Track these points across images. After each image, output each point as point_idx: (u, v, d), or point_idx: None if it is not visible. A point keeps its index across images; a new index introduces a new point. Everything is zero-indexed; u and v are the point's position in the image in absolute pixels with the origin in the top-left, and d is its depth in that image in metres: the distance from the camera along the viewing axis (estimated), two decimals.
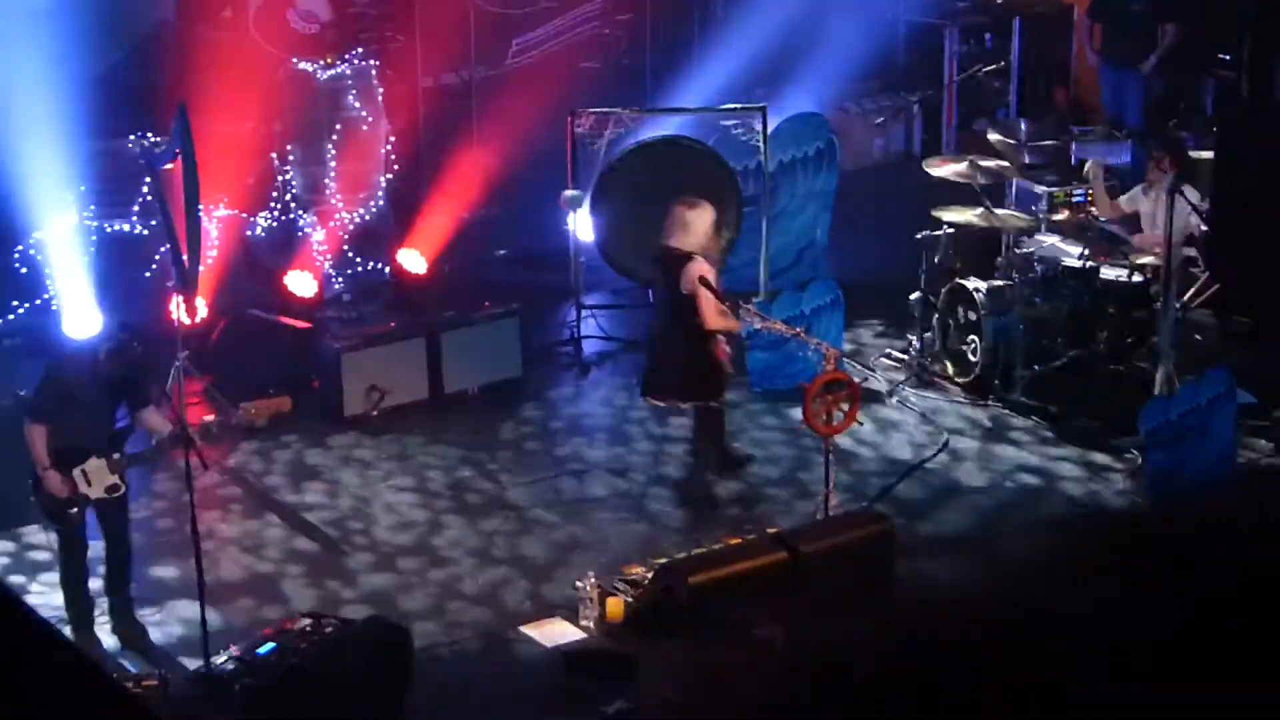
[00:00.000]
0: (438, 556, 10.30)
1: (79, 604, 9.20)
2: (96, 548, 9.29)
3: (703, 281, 10.45)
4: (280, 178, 13.69)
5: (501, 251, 14.97)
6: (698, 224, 10.69)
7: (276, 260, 13.29)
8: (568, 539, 10.49)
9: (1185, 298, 12.34)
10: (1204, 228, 12.37)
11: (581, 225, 13.24)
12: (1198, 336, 12.45)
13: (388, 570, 10.13)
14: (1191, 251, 12.56)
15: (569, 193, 13.10)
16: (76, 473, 8.90)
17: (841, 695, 1.52)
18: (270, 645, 8.30)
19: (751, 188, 13.44)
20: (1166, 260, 11.55)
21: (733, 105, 13.86)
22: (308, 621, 8.54)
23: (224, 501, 10.92)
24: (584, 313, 13.35)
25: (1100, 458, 11.45)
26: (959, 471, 11.36)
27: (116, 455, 9.01)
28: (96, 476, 8.96)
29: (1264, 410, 11.77)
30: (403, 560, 10.25)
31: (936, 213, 12.54)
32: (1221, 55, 16.08)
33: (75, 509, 8.97)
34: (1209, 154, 14.22)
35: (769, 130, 13.27)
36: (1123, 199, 13.10)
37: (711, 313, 10.51)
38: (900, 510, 10.71)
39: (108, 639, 9.23)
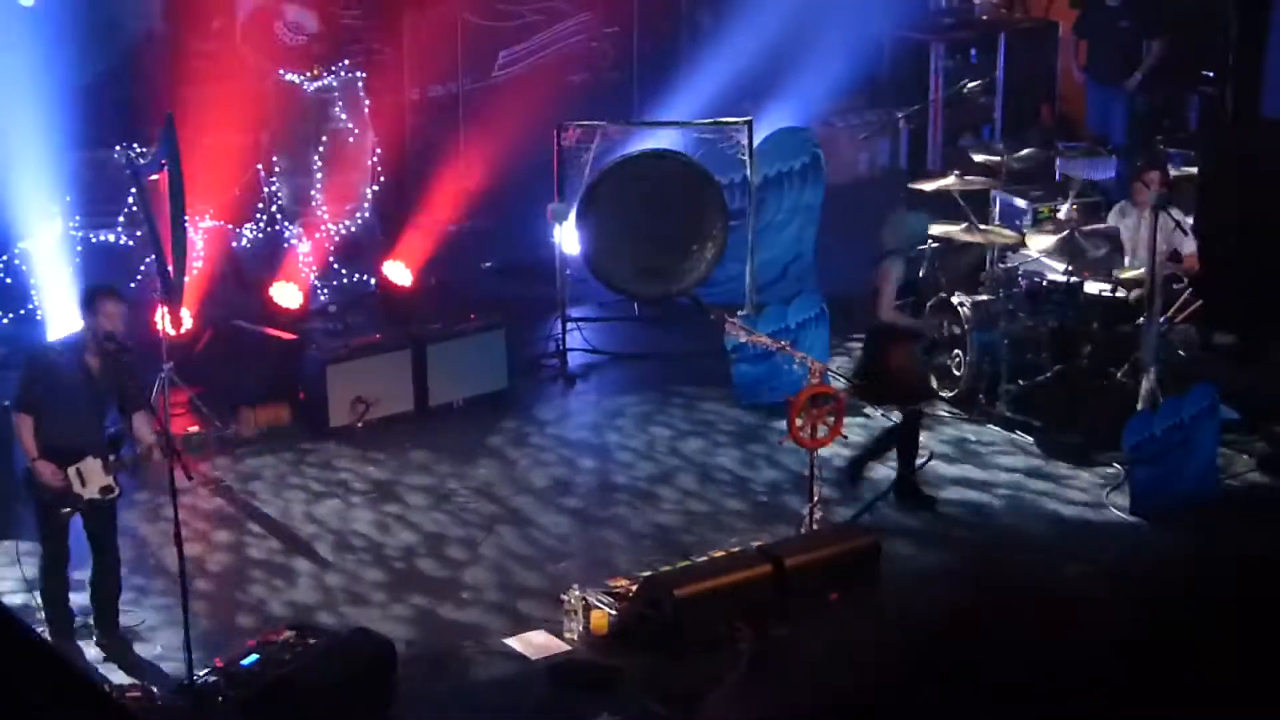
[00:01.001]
0: (422, 568, 10.28)
1: (60, 615, 9.17)
2: (77, 560, 9.27)
3: (885, 279, 10.80)
4: (266, 189, 13.68)
5: (487, 264, 14.95)
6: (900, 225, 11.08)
7: (262, 271, 13.27)
8: (553, 551, 10.48)
9: (1169, 313, 12.36)
10: (1188, 246, 12.39)
11: (567, 238, 13.23)
12: (1181, 352, 12.47)
13: (372, 582, 10.11)
14: (1175, 268, 12.57)
15: (555, 205, 13.10)
16: (72, 471, 8.88)
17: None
18: (254, 657, 8.29)
19: (737, 201, 13.45)
20: (1151, 276, 11.55)
21: (719, 119, 13.86)
22: (291, 634, 8.53)
23: (208, 513, 10.90)
24: (570, 325, 13.34)
25: (1084, 473, 11.46)
26: (942, 485, 11.35)
27: (113, 457, 9.00)
28: (91, 477, 8.94)
29: (1247, 426, 11.78)
30: (387, 572, 10.23)
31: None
32: (1206, 72, 16.10)
33: (67, 508, 8.94)
34: (1193, 170, 14.26)
35: (755, 144, 13.27)
36: (1108, 217, 13.10)
37: (886, 307, 10.83)
38: (884, 524, 10.71)
39: (90, 650, 9.19)
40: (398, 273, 13.54)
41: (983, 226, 12.44)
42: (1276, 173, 13.01)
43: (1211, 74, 15.88)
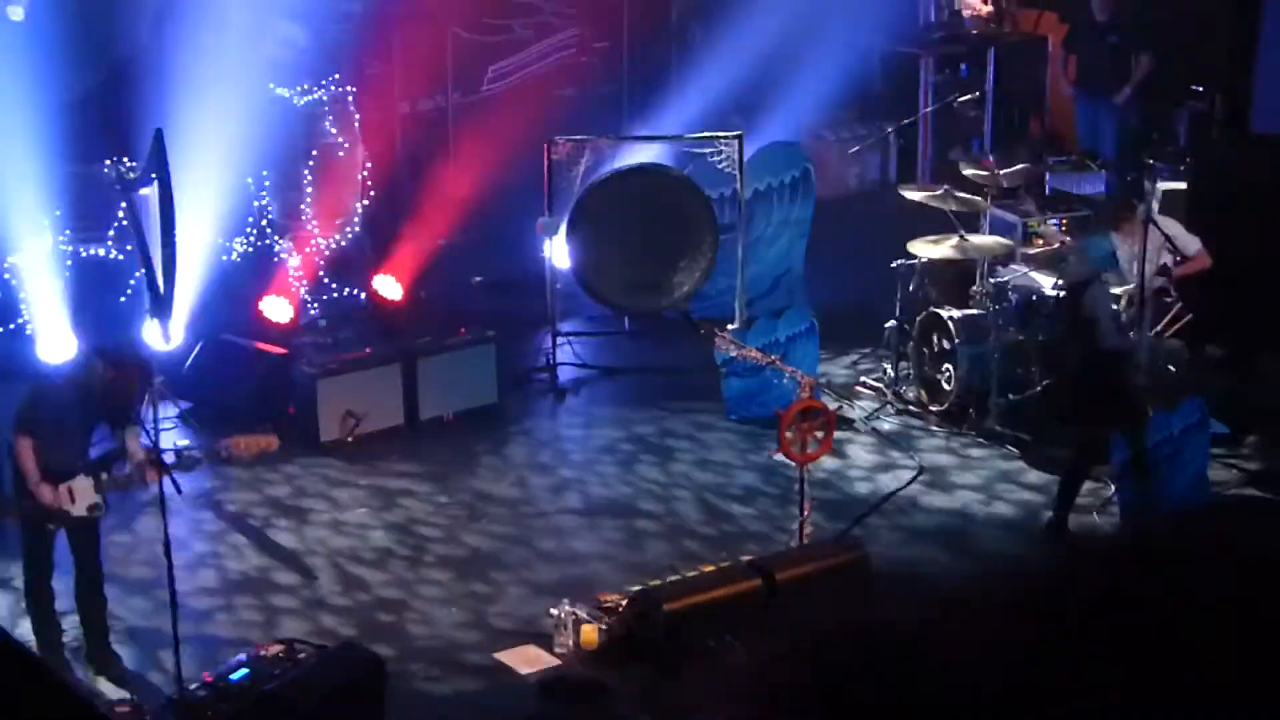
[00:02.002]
0: (412, 582, 10.28)
1: (47, 629, 9.17)
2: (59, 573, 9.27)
3: (1096, 308, 10.82)
4: (256, 203, 13.68)
5: (478, 278, 14.97)
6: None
7: (252, 286, 13.27)
8: (542, 566, 10.49)
9: (1158, 327, 12.38)
10: (1177, 259, 12.41)
11: (558, 252, 13.25)
12: (1170, 366, 12.48)
13: (362, 596, 10.11)
14: (1164, 281, 12.59)
15: (545, 219, 13.12)
16: (63, 489, 8.88)
17: None
18: (243, 671, 8.27)
19: (727, 216, 13.47)
20: (1140, 291, 11.57)
21: (709, 133, 13.89)
22: (280, 648, 8.51)
23: (197, 527, 10.90)
24: (560, 340, 13.37)
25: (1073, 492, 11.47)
26: (933, 499, 11.38)
27: (105, 475, 8.99)
28: (81, 494, 8.93)
29: (1236, 440, 11.81)
30: (377, 586, 10.23)
31: (912, 242, 12.58)
32: (1195, 87, 16.15)
33: (53, 525, 8.95)
34: (1182, 185, 14.29)
35: (745, 158, 13.30)
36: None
37: (1108, 334, 10.85)
38: (873, 538, 10.73)
39: (78, 665, 9.19)
40: (388, 287, 13.56)
41: (973, 240, 12.47)
42: (1265, 187, 13.05)
43: (1200, 89, 15.93)
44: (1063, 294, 11.43)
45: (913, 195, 12.92)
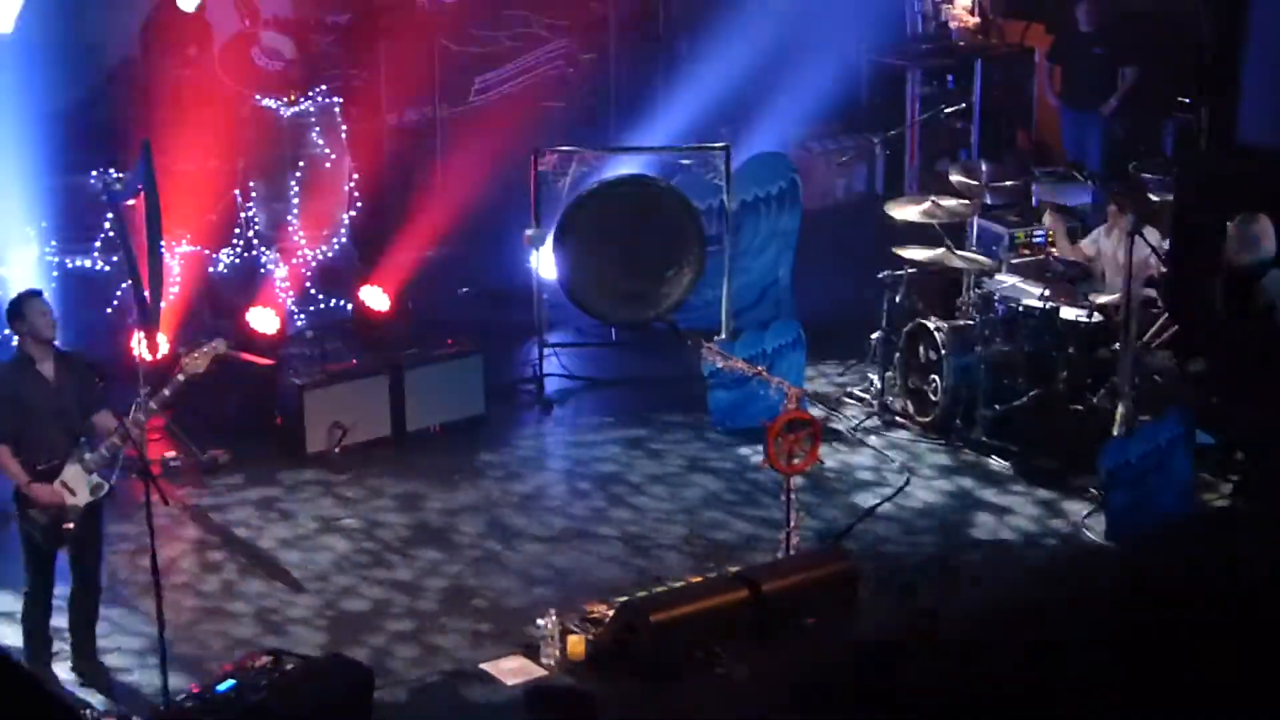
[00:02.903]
0: (399, 594, 10.29)
1: (38, 640, 9.17)
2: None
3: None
4: (243, 214, 13.68)
5: (465, 289, 14.97)
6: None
7: (239, 297, 13.27)
8: (529, 576, 10.50)
9: (1144, 338, 12.42)
10: (1163, 269, 12.45)
11: (544, 263, 13.27)
12: (1157, 377, 12.52)
13: (349, 607, 10.12)
14: (1151, 292, 12.63)
15: (532, 231, 13.13)
16: (57, 484, 8.87)
17: None
18: (230, 683, 8.26)
19: (714, 227, 13.47)
20: (1126, 301, 11.61)
21: (696, 145, 13.91)
22: (268, 659, 8.49)
23: (184, 538, 10.90)
24: (547, 351, 13.39)
25: (1061, 497, 11.53)
26: (920, 511, 11.42)
27: (87, 455, 8.97)
28: (77, 483, 8.93)
29: (1222, 451, 11.84)
30: (364, 597, 10.23)
31: (898, 252, 12.61)
32: (1181, 98, 16.20)
33: (69, 523, 8.93)
34: (1169, 196, 14.33)
35: (732, 169, 13.31)
36: (1084, 242, 13.16)
37: None
38: (861, 548, 10.75)
39: (66, 675, 9.19)
40: (375, 298, 13.56)
41: (959, 252, 12.51)
42: (1251, 197, 13.07)
43: (1187, 100, 15.98)
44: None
45: (899, 213, 12.91)
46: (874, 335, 12.90)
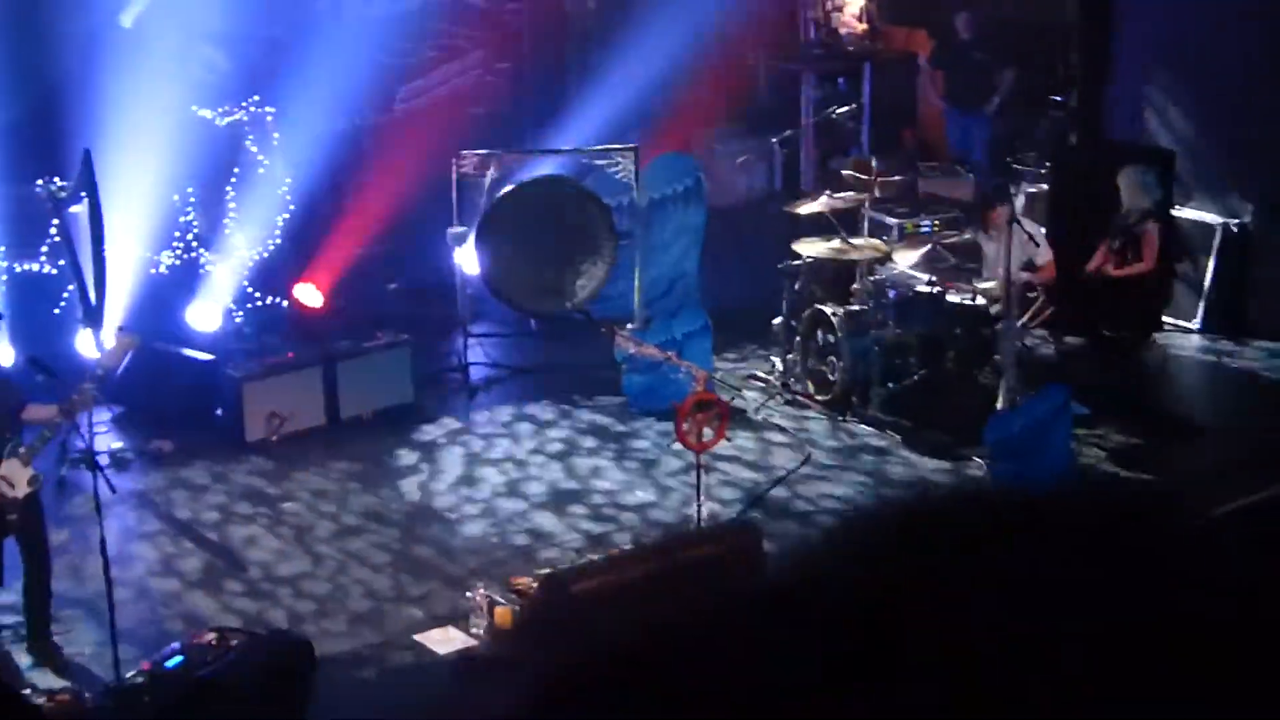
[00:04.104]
0: (336, 571, 10.21)
1: None
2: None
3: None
4: (183, 219, 13.52)
5: (393, 285, 14.89)
6: None
7: (180, 296, 13.12)
8: (459, 552, 10.45)
9: (1025, 319, 12.51)
10: (1043, 255, 12.55)
11: (467, 259, 13.20)
12: (1036, 354, 12.62)
13: (289, 585, 10.04)
14: (1029, 276, 12.72)
15: (454, 229, 13.07)
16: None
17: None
18: (178, 659, 8.16)
19: (625, 223, 13.40)
20: (1006, 284, 11.70)
21: (607, 146, 13.87)
22: (213, 636, 8.40)
23: (131, 524, 10.77)
24: (471, 341, 13.33)
25: (950, 468, 11.58)
26: (820, 483, 11.45)
27: (21, 448, 8.84)
28: (15, 475, 8.79)
29: (1097, 420, 11.94)
30: (302, 576, 10.16)
31: (797, 245, 12.64)
32: (1054, 97, 16.35)
33: (13, 515, 8.79)
34: (1045, 187, 14.47)
35: (640, 169, 13.28)
36: (968, 235, 13.28)
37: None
38: (767, 519, 10.77)
39: (21, 656, 9.07)
40: (309, 295, 13.42)
41: (853, 241, 12.55)
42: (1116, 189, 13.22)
43: (1060, 99, 16.14)
44: None
45: (797, 208, 12.93)
46: (775, 321, 12.93)
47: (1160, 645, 1.36)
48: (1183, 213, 14.04)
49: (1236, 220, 14.09)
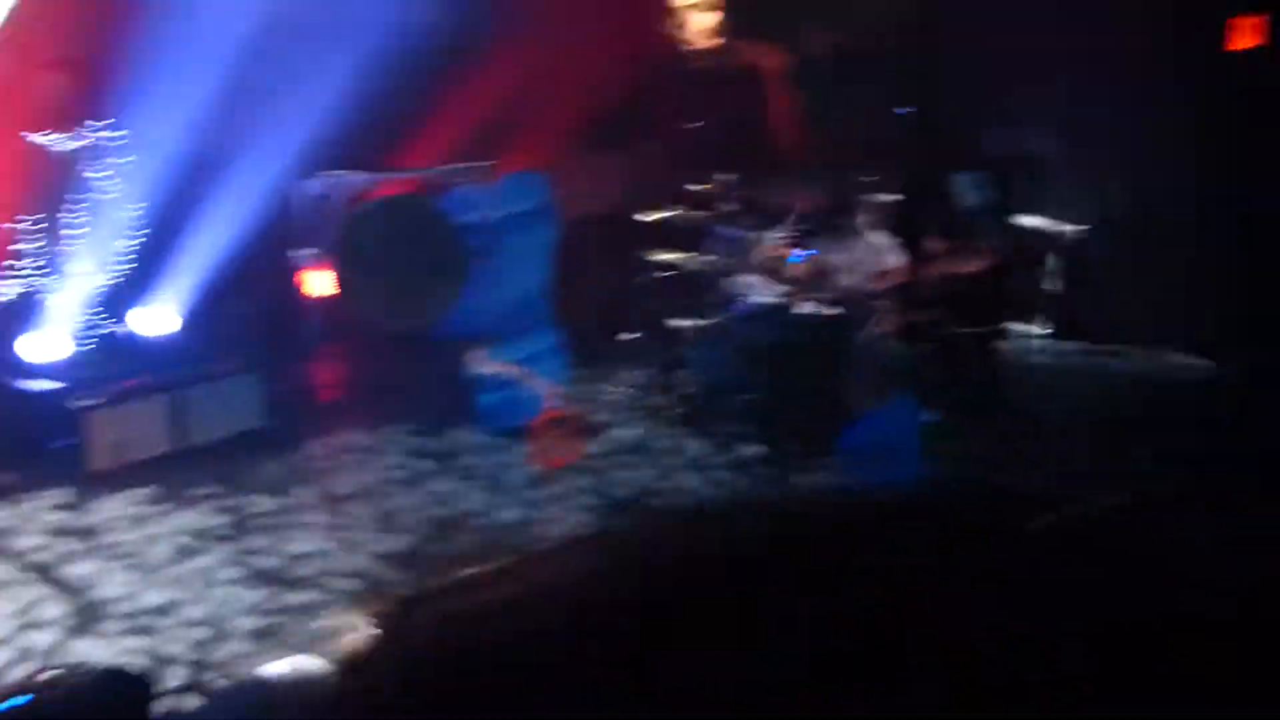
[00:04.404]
0: (183, 601, 9.90)
1: None
2: None
3: None
4: (21, 246, 13.10)
5: (242, 310, 14.53)
6: None
7: (18, 326, 12.72)
8: (308, 578, 10.18)
9: (876, 328, 12.52)
10: (894, 259, 12.56)
11: (316, 280, 12.98)
12: (888, 361, 12.62)
13: (135, 619, 9.70)
14: (880, 285, 12.72)
15: (303, 251, 12.85)
16: None
17: None
18: (16, 700, 7.84)
19: (478, 242, 13.24)
20: (859, 293, 11.68)
21: (460, 164, 13.69)
22: (52, 673, 8.08)
23: None
24: (321, 362, 13.10)
25: (805, 480, 11.44)
26: (679, 496, 11.26)
27: None
28: None
29: (946, 427, 11.94)
30: (147, 609, 9.83)
31: (647, 256, 12.56)
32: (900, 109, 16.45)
33: None
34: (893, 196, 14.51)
35: (492, 187, 13.12)
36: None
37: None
38: (624, 530, 10.61)
39: None
40: (154, 321, 13.09)
41: (702, 251, 12.47)
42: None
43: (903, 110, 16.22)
44: None
45: (650, 219, 12.91)
46: (627, 336, 12.83)
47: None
48: (1030, 220, 14.19)
49: (1079, 228, 14.24)
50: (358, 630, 7.84)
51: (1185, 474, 10.27)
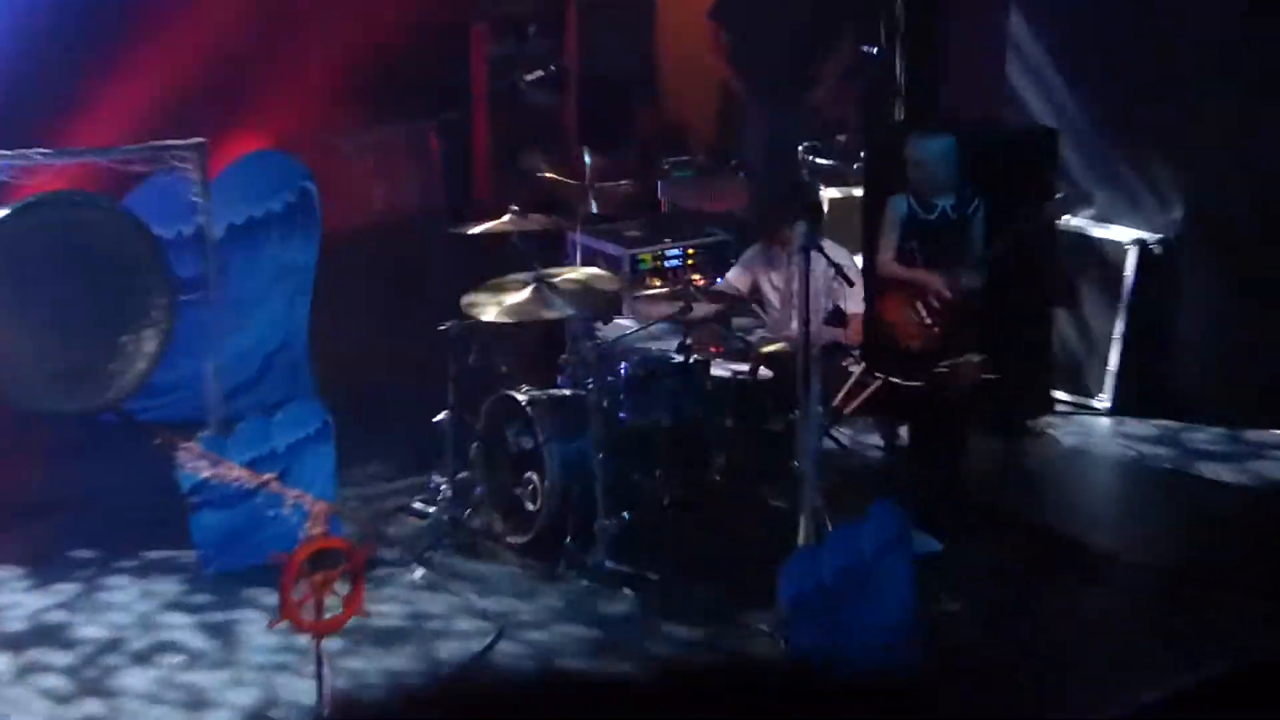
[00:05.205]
0: None
1: None
2: None
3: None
4: None
5: None
6: None
7: None
8: None
9: (835, 401, 12.53)
10: (854, 301, 12.62)
11: None
12: (854, 455, 12.70)
13: None
14: (839, 333, 12.72)
15: None
16: None
17: None
18: None
19: (189, 266, 13.06)
20: (804, 347, 11.62)
21: (157, 143, 13.45)
22: None
23: None
24: None
25: (728, 642, 11.36)
26: (518, 665, 11.25)
27: None
28: None
29: (949, 558, 11.94)
30: None
31: (468, 298, 12.41)
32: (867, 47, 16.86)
33: None
34: (855, 191, 14.63)
35: (214, 179, 12.94)
36: (731, 275, 13.32)
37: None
38: None
39: None
40: None
41: (554, 281, 12.37)
42: None
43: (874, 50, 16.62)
44: None
45: (468, 231, 12.87)
46: (438, 417, 12.72)
47: None
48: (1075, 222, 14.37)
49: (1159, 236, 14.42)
50: None
51: None
